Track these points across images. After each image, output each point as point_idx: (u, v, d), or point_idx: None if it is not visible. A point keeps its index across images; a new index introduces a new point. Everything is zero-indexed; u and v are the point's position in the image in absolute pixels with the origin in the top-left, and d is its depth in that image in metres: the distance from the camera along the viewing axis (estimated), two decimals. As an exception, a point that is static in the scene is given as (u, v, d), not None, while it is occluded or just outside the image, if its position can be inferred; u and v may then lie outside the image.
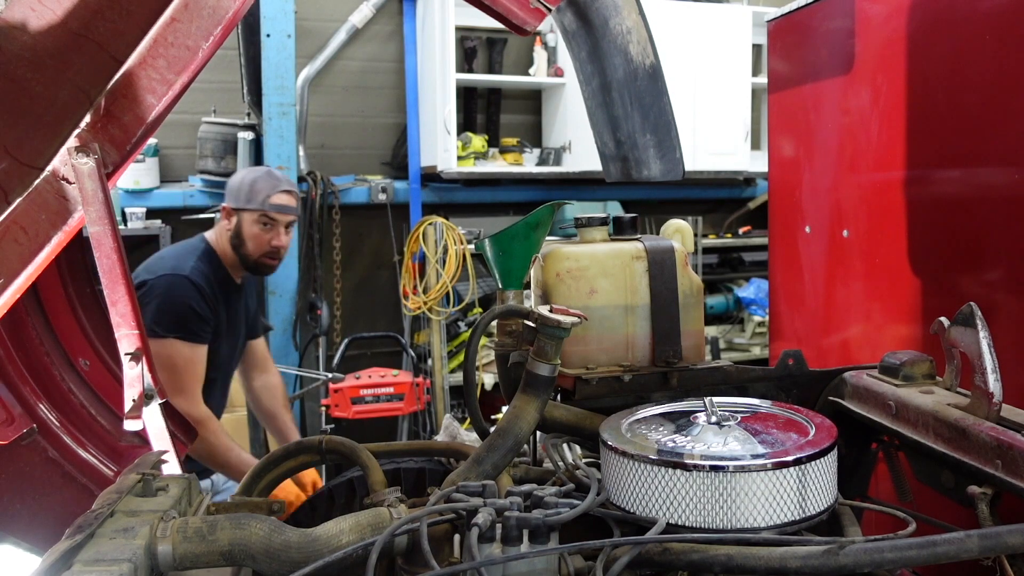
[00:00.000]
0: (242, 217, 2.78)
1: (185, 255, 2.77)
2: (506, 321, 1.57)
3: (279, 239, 2.80)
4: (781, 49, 3.03)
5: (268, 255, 2.80)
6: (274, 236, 2.79)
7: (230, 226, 2.81)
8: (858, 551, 0.93)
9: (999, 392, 1.17)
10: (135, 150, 1.34)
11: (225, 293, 2.79)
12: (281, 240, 2.80)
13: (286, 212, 2.80)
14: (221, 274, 2.80)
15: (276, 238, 2.79)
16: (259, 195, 2.77)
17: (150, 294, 2.62)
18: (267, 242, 2.78)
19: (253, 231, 2.77)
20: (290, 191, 2.84)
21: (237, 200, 2.80)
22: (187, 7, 1.25)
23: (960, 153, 2.19)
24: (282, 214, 2.79)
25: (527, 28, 1.74)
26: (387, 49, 5.79)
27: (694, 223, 5.76)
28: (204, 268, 2.73)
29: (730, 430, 1.21)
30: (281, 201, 2.79)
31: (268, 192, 2.78)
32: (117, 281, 1.30)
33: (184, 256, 2.76)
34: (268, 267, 2.83)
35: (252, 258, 2.78)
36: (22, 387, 1.66)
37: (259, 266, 2.82)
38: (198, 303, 2.64)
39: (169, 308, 2.60)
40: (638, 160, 2.17)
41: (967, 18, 2.13)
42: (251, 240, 2.77)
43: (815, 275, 2.86)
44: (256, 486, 1.58)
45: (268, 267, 2.83)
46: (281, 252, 2.83)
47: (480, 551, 0.96)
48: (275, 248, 2.79)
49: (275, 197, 2.78)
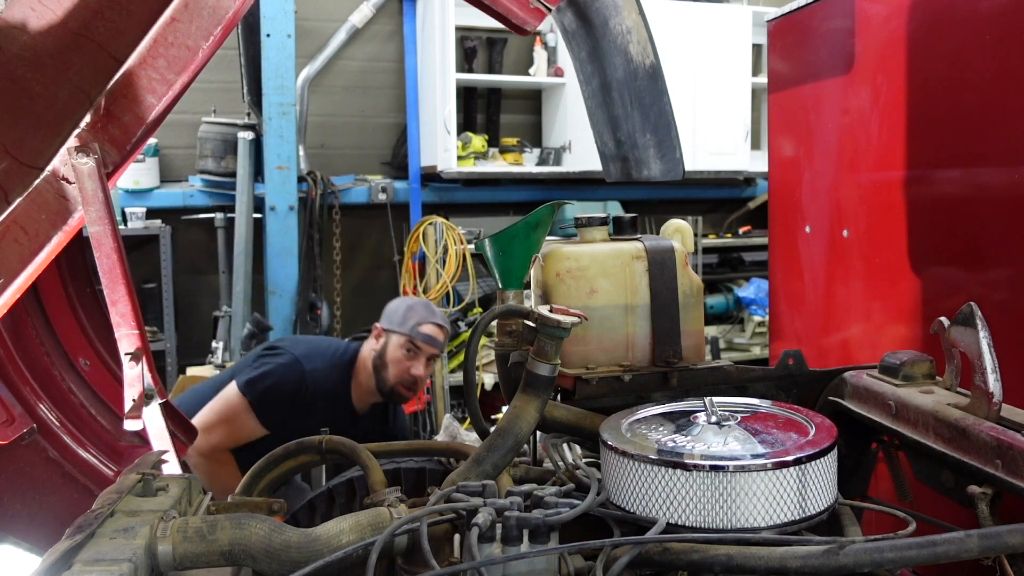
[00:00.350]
0: (390, 339, 2.82)
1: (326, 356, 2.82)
2: (506, 321, 1.57)
3: (418, 369, 2.81)
4: (781, 49, 3.03)
5: (405, 384, 2.81)
6: (414, 365, 2.80)
7: (377, 346, 2.84)
8: (858, 551, 0.93)
9: (999, 392, 1.17)
10: (135, 150, 1.34)
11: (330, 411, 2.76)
12: (420, 371, 2.81)
13: (432, 344, 2.83)
14: (340, 391, 2.81)
15: (416, 367, 2.80)
16: (410, 321, 2.82)
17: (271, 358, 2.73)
18: (407, 369, 2.79)
19: (396, 355, 2.80)
20: (442, 326, 2.87)
21: (390, 322, 2.85)
22: (187, 7, 1.25)
23: (960, 153, 2.19)
24: (428, 344, 2.81)
25: (527, 28, 1.74)
26: (387, 49, 5.79)
27: (694, 223, 5.76)
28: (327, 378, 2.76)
29: (730, 430, 1.21)
30: (430, 332, 2.82)
31: (419, 320, 2.82)
32: (117, 281, 1.30)
33: (325, 357, 2.81)
34: (401, 397, 2.85)
35: (389, 383, 2.80)
36: (22, 387, 1.66)
37: (393, 394, 2.82)
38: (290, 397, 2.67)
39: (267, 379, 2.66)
40: (638, 160, 2.17)
41: (967, 18, 2.13)
42: (392, 364, 2.79)
43: (815, 275, 2.86)
44: (256, 486, 1.58)
45: (401, 397, 2.85)
46: (418, 384, 2.83)
47: (480, 551, 0.96)
48: (413, 378, 2.80)
49: (425, 327, 2.82)
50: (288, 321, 5.11)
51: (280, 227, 5.04)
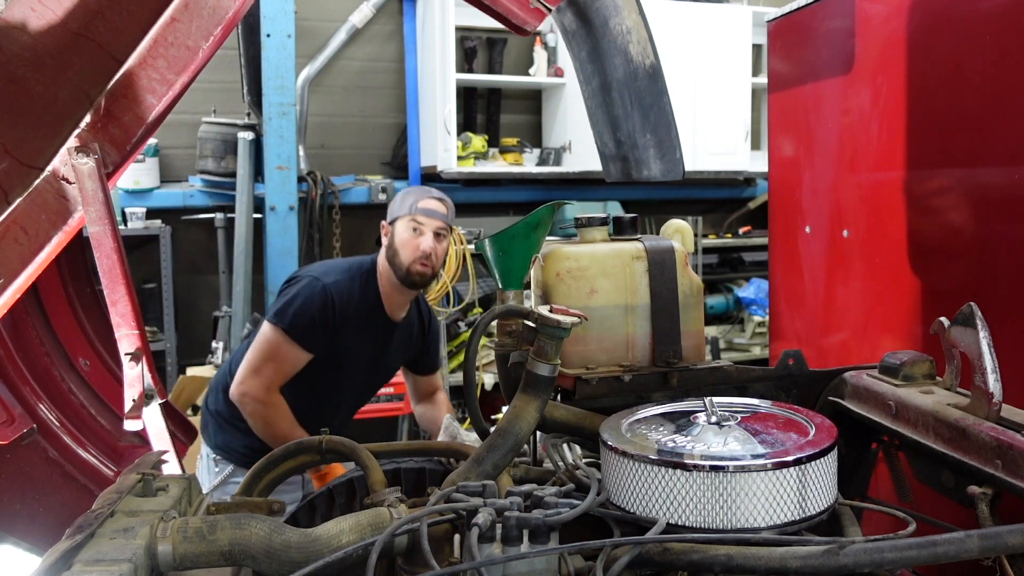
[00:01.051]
0: (395, 227, 2.79)
1: (343, 269, 2.81)
2: (506, 321, 1.57)
3: (427, 243, 2.74)
4: (781, 49, 3.03)
5: (419, 261, 2.73)
6: (422, 240, 2.74)
7: (387, 241, 2.81)
8: (858, 551, 0.93)
9: (999, 392, 1.17)
10: (135, 150, 1.34)
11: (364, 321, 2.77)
12: (428, 244, 2.74)
13: (433, 216, 2.77)
14: (370, 301, 2.79)
15: (424, 241, 2.74)
16: (408, 202, 2.79)
17: (291, 287, 2.74)
18: (416, 246, 2.73)
19: (403, 237, 2.75)
20: (441, 199, 2.82)
21: (392, 213, 2.83)
22: (187, 7, 1.25)
23: (960, 153, 2.19)
24: (429, 217, 2.76)
25: (527, 28, 1.74)
26: (387, 49, 5.79)
27: (694, 223, 5.75)
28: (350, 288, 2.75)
29: (730, 430, 1.21)
30: (429, 206, 2.77)
31: (417, 198, 2.79)
32: (117, 281, 1.30)
33: (341, 270, 2.80)
34: (421, 275, 2.76)
35: (404, 267, 2.74)
36: (22, 387, 1.66)
37: (411, 275, 2.75)
38: (319, 313, 2.66)
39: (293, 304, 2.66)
40: (638, 160, 2.17)
41: (967, 18, 2.13)
42: (402, 248, 2.74)
43: (815, 275, 2.86)
44: (256, 486, 1.58)
45: (421, 275, 2.76)
46: (433, 259, 2.76)
47: (480, 551, 0.96)
48: (424, 252, 2.73)
49: (424, 202, 2.78)
50: (288, 321, 5.11)
51: (280, 227, 5.04)
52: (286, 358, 2.64)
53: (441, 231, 2.78)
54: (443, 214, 2.79)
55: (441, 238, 2.78)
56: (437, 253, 2.78)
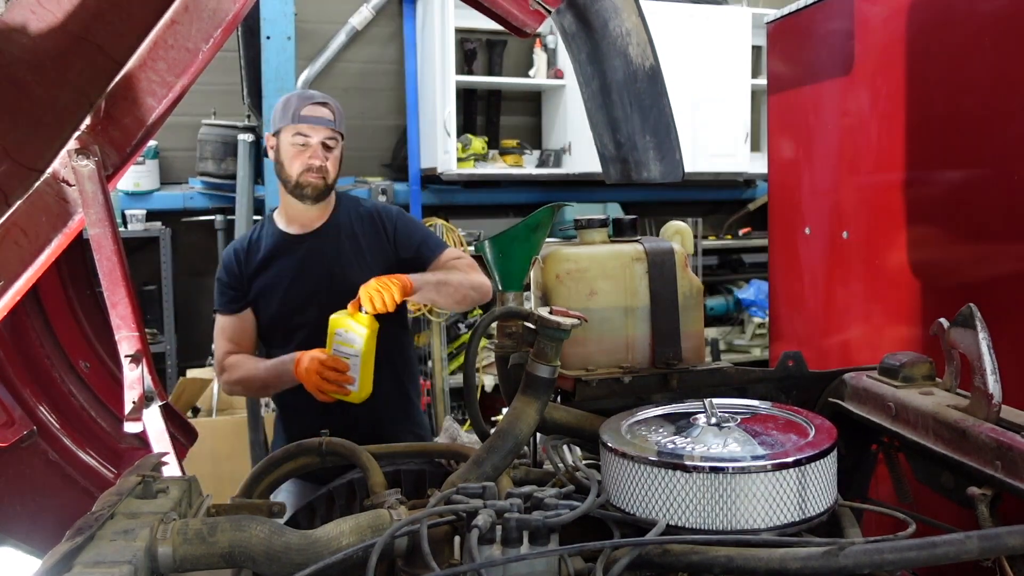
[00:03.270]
0: (280, 140, 2.54)
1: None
2: (506, 323, 1.57)
3: (316, 158, 2.49)
4: (781, 51, 3.03)
5: (308, 170, 2.50)
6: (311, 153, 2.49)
7: (274, 155, 2.57)
8: (858, 552, 0.93)
9: (999, 393, 1.17)
10: (135, 152, 1.34)
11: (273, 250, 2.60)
12: (319, 158, 2.50)
13: (316, 123, 2.50)
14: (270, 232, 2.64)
15: (313, 156, 2.49)
16: (288, 111, 2.52)
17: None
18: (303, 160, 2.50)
19: (289, 151, 2.51)
20: (324, 103, 2.54)
21: (273, 122, 2.57)
22: (187, 9, 1.25)
23: (959, 154, 2.19)
24: (312, 126, 2.50)
25: (527, 30, 1.74)
26: (387, 51, 5.79)
27: (694, 225, 5.76)
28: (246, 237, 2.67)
29: (730, 431, 1.21)
30: (310, 112, 2.50)
31: (299, 105, 2.52)
32: (117, 283, 1.30)
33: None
34: (313, 186, 2.51)
35: (293, 180, 2.51)
36: (22, 389, 1.66)
37: (301, 186, 2.51)
38: (221, 274, 2.62)
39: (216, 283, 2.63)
40: (638, 162, 2.17)
41: (966, 20, 2.13)
42: (288, 162, 2.52)
43: (815, 276, 2.86)
44: (256, 488, 1.58)
45: (313, 186, 2.51)
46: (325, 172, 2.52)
47: (480, 553, 0.96)
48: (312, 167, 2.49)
49: (307, 109, 2.51)
50: (288, 323, 5.11)
51: (280, 229, 5.04)
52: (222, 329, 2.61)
53: (330, 141, 2.54)
54: (329, 120, 2.53)
55: (328, 148, 2.54)
56: (328, 162, 2.54)
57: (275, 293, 2.61)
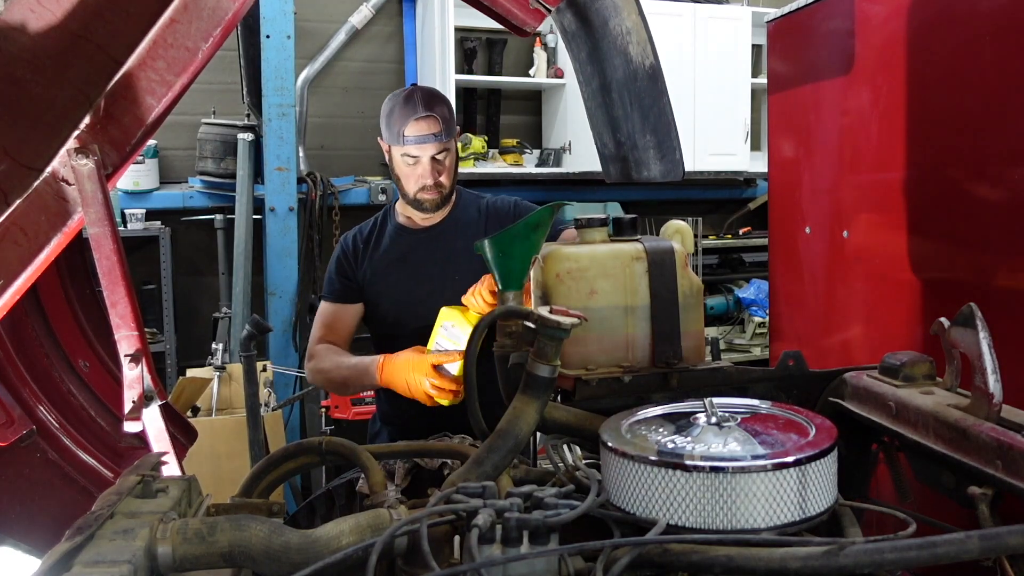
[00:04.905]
0: (392, 155, 2.52)
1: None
2: (506, 322, 1.57)
3: (426, 176, 2.45)
4: (781, 50, 3.03)
5: (423, 190, 2.48)
6: (421, 170, 2.45)
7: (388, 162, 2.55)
8: (858, 552, 0.93)
9: (999, 393, 1.17)
10: (135, 151, 1.34)
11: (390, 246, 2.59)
12: (429, 176, 2.45)
13: (422, 142, 2.42)
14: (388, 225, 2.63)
15: (423, 173, 2.45)
16: (394, 128, 2.45)
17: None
18: (416, 179, 2.47)
19: (401, 170, 2.49)
20: (428, 115, 2.43)
21: (384, 134, 2.52)
22: (186, 8, 1.25)
23: (960, 153, 2.19)
24: (419, 146, 2.43)
25: (527, 29, 1.74)
26: (387, 50, 5.79)
27: (694, 224, 5.75)
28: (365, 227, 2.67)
29: (730, 431, 1.21)
30: (414, 132, 2.42)
31: (402, 125, 2.43)
32: (117, 282, 1.30)
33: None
34: (430, 201, 2.50)
35: (411, 196, 2.50)
36: (22, 389, 1.66)
37: (421, 203, 2.50)
38: (334, 264, 2.63)
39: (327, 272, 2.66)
40: (638, 161, 2.17)
41: (967, 18, 2.13)
42: (402, 179, 2.51)
43: (815, 276, 2.86)
44: (256, 487, 1.58)
45: (430, 201, 2.50)
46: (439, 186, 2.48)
47: (480, 552, 0.96)
48: (426, 186, 2.47)
49: (410, 128, 2.42)
50: (288, 322, 5.11)
51: (280, 228, 5.04)
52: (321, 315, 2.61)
53: (440, 155, 2.48)
54: (435, 134, 2.45)
55: (440, 162, 2.49)
56: (442, 176, 2.49)
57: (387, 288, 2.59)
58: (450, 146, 2.51)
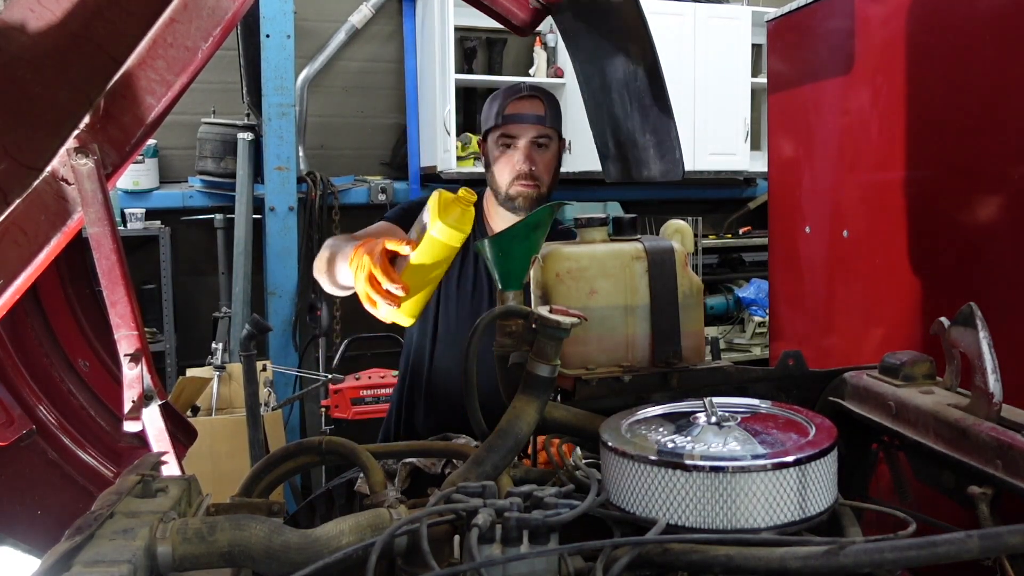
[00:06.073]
0: (488, 144, 2.27)
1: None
2: (506, 322, 1.57)
3: (522, 163, 2.18)
4: (781, 49, 3.03)
5: (517, 178, 2.19)
6: (516, 155, 2.19)
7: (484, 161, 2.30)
8: (858, 551, 0.93)
9: (999, 392, 1.17)
10: (134, 151, 1.34)
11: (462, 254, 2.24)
12: (525, 162, 2.17)
13: (520, 121, 2.17)
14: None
15: (518, 158, 2.18)
16: (493, 109, 2.21)
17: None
18: (511, 166, 2.20)
19: (496, 156, 2.22)
20: (533, 95, 2.21)
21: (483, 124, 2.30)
22: (186, 8, 1.25)
23: (960, 153, 2.19)
24: (517, 124, 2.18)
25: (526, 28, 1.74)
26: (387, 49, 5.79)
27: (694, 223, 5.75)
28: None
29: (730, 431, 1.21)
30: (515, 110, 2.18)
31: (504, 101, 2.19)
32: (116, 282, 1.30)
33: None
34: (525, 196, 2.20)
35: (503, 191, 2.21)
36: (21, 388, 1.66)
37: (511, 198, 2.21)
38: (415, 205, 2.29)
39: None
40: (638, 160, 2.17)
41: (967, 19, 2.13)
42: (497, 169, 2.23)
43: (815, 275, 2.86)
44: (256, 487, 1.58)
45: (525, 196, 2.20)
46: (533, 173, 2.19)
47: (480, 552, 0.96)
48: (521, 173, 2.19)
49: (512, 105, 2.18)
50: (288, 322, 5.11)
51: (280, 228, 5.04)
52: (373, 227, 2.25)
53: (541, 139, 2.21)
54: (539, 115, 2.20)
55: (543, 147, 2.22)
56: (540, 167, 2.21)
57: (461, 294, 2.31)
58: (553, 137, 2.26)
